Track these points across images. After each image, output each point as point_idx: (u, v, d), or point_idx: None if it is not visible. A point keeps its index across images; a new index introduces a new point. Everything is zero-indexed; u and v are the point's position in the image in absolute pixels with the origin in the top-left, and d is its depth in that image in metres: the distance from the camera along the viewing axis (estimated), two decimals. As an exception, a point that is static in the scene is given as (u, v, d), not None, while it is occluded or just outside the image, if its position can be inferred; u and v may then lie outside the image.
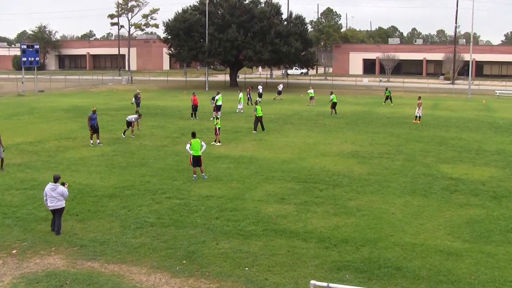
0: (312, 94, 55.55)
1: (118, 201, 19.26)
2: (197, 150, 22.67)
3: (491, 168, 25.80)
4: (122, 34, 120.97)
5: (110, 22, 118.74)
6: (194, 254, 14.53)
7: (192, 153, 22.64)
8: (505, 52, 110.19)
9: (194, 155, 22.64)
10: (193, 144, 22.72)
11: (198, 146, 22.75)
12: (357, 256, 14.57)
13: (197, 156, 22.67)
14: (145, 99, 59.56)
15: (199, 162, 22.77)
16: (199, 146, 22.76)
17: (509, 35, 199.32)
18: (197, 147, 22.68)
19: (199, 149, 22.71)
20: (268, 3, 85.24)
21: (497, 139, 34.24)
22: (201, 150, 22.79)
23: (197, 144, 22.76)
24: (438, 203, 19.60)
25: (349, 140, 32.97)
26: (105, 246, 15.02)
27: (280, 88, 64.36)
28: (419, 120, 42.10)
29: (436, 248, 15.15)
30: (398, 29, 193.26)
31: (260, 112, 36.06)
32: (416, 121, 42.01)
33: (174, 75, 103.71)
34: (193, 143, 22.77)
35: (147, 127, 37.04)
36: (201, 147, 22.85)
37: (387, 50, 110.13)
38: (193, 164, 22.76)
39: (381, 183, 22.40)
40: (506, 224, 17.32)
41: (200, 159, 22.79)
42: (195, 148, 22.65)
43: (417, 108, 42.85)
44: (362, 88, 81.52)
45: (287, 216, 17.81)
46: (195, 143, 22.77)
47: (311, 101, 55.16)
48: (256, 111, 36.10)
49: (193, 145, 22.71)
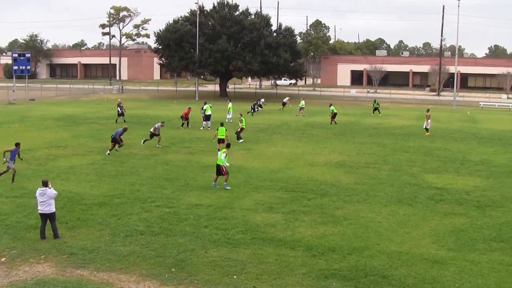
0: (302, 105, 56.30)
1: (107, 210, 19.36)
2: (219, 158, 22.91)
3: (475, 178, 26.17)
4: (114, 43, 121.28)
5: (102, 32, 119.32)
6: (183, 262, 14.65)
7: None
8: (489, 65, 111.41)
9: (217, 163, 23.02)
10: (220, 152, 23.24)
11: (220, 154, 23.02)
12: (344, 264, 14.75)
13: (217, 164, 22.95)
14: (136, 108, 59.82)
15: (218, 171, 22.97)
16: (221, 155, 22.97)
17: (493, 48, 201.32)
18: (220, 156, 23.01)
19: (220, 157, 22.92)
20: (258, 15, 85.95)
21: (481, 150, 34.68)
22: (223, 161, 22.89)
23: (220, 153, 23.12)
24: (424, 212, 19.88)
25: (336, 150, 33.25)
26: (95, 254, 15.10)
27: (286, 100, 64.88)
28: (427, 131, 41.73)
29: (421, 257, 15.37)
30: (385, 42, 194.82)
31: (244, 124, 36.57)
32: (427, 133, 41.47)
33: (164, 84, 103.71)
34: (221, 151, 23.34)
35: (137, 136, 37.10)
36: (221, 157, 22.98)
37: (375, 62, 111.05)
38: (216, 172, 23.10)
39: (368, 192, 22.66)
40: (490, 233, 17.61)
41: (221, 168, 22.89)
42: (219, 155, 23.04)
43: (426, 120, 42.30)
44: (349, 99, 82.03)
45: (275, 225, 17.99)
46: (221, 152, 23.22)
47: (300, 111, 55.80)
48: (241, 122, 36.44)
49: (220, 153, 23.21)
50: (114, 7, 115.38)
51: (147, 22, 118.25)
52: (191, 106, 45.91)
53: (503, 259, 15.39)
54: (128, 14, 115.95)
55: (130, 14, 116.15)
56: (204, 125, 42.86)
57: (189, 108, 44.10)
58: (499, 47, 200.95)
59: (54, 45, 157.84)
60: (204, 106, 43.85)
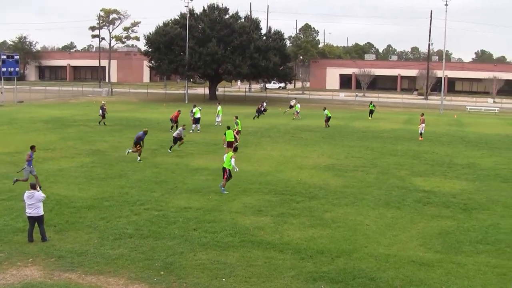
0: (298, 109, 57.04)
1: (96, 212, 19.34)
2: (227, 162, 22.93)
3: (461, 181, 26.40)
4: (103, 46, 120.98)
5: (91, 34, 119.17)
6: (171, 265, 14.67)
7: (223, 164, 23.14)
8: (476, 70, 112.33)
9: (223, 166, 23.08)
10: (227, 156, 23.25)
11: (229, 158, 23.00)
12: (332, 267, 14.83)
13: (223, 167, 23.00)
14: (125, 111, 59.78)
15: (223, 174, 22.98)
16: (229, 159, 22.97)
17: (479, 53, 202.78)
18: (227, 159, 22.99)
19: (228, 161, 22.92)
20: (248, 18, 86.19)
21: (468, 153, 34.95)
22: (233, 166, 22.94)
23: (228, 157, 23.09)
24: (411, 215, 20.03)
25: (325, 154, 33.37)
26: (83, 257, 15.08)
27: (292, 103, 65.10)
28: (421, 136, 41.63)
29: (409, 259, 15.50)
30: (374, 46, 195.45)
31: (240, 127, 36.74)
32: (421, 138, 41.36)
33: (154, 87, 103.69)
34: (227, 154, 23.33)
35: (126, 139, 37.10)
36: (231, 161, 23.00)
37: (363, 65, 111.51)
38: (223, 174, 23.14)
39: (356, 195, 22.79)
40: (476, 235, 17.80)
41: (224, 171, 22.91)
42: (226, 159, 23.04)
43: (420, 124, 42.08)
44: (338, 102, 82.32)
45: (264, 228, 18.05)
46: (227, 156, 23.18)
47: (296, 115, 56.48)
48: (237, 125, 36.51)
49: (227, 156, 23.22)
50: (104, 10, 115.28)
51: (137, 24, 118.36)
52: (180, 109, 45.87)
53: (489, 261, 15.56)
54: (118, 17, 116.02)
55: (120, 16, 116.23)
56: (193, 128, 42.89)
57: (179, 111, 44.08)
58: (485, 52, 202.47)
59: (43, 47, 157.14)
60: (193, 109, 43.89)
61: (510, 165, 30.98)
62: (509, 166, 30.52)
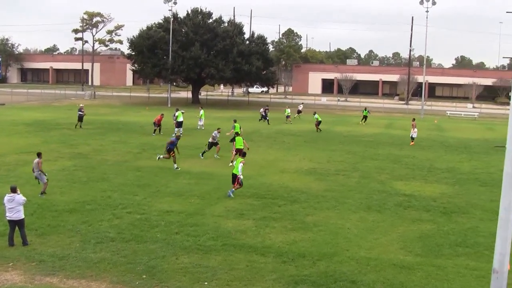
0: (288, 113, 57.48)
1: (78, 216, 19.28)
2: (235, 168, 22.99)
3: (441, 185, 26.71)
4: (86, 49, 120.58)
5: (74, 37, 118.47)
6: (154, 269, 14.68)
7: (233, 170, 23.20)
8: (456, 75, 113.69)
9: (232, 172, 23.17)
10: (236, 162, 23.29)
11: (237, 164, 23.06)
12: (313, 270, 14.94)
13: (233, 173, 23.06)
14: (108, 114, 59.55)
15: (233, 180, 23.03)
16: (238, 165, 23.02)
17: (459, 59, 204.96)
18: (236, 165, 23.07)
19: (237, 167, 22.96)
20: (231, 23, 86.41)
21: (448, 158, 35.35)
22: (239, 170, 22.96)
23: (237, 163, 23.15)
24: (392, 219, 20.23)
25: (307, 158, 33.54)
26: (65, 261, 15.03)
27: (300, 107, 65.18)
28: (412, 141, 41.56)
29: (390, 262, 15.67)
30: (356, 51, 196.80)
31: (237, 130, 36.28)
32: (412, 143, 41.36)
33: (137, 91, 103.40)
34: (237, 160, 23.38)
35: (109, 142, 37.02)
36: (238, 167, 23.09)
37: (345, 70, 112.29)
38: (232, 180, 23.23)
39: (338, 199, 22.94)
40: (455, 239, 18.04)
41: (236, 178, 22.93)
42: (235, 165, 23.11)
43: (412, 129, 42.05)
44: (320, 107, 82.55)
45: (246, 231, 18.12)
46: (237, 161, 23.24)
47: (288, 119, 56.80)
48: (234, 128, 36.52)
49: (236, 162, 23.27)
50: (87, 12, 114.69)
51: (120, 28, 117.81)
52: (163, 112, 45.86)
53: (468, 263, 15.80)
54: (101, 20, 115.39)
55: (103, 19, 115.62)
56: (176, 132, 42.85)
57: (162, 115, 44.03)
58: (465, 58, 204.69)
59: (25, 50, 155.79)
60: (176, 112, 43.88)
61: (489, 169, 31.40)
62: (487, 170, 30.94)
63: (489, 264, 15.66)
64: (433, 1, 73.45)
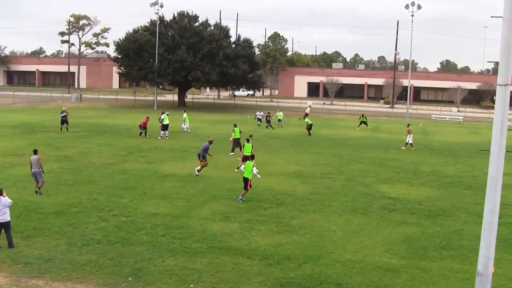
0: (280, 117, 57.41)
1: (64, 219, 19.23)
2: (248, 172, 22.94)
3: (426, 188, 26.91)
4: (73, 52, 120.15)
5: (61, 40, 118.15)
6: (140, 271, 14.68)
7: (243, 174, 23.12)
8: (441, 79, 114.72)
9: (243, 176, 23.06)
10: (246, 166, 23.17)
11: (250, 168, 23.02)
12: (299, 272, 15.00)
13: (244, 178, 22.98)
14: (94, 117, 59.45)
15: (245, 184, 22.96)
16: (251, 169, 23.01)
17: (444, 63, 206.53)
18: (248, 169, 22.98)
19: (250, 170, 22.96)
20: (217, 26, 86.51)
21: (433, 161, 35.63)
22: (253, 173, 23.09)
23: (248, 166, 23.06)
24: (377, 222, 20.36)
25: (293, 161, 33.64)
26: (51, 264, 14.99)
27: (308, 111, 65.26)
28: (412, 146, 41.51)
29: (375, 265, 15.76)
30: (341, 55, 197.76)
31: (237, 135, 36.37)
32: (404, 147, 41.40)
33: (123, 94, 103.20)
34: (246, 164, 23.24)
35: (95, 145, 36.93)
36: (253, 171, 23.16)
37: (331, 74, 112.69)
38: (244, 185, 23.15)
39: (323, 202, 23.05)
40: (440, 241, 18.19)
41: (247, 182, 22.88)
42: (246, 169, 23.02)
43: (408, 135, 42.03)
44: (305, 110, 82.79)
45: (231, 234, 18.16)
46: (248, 165, 23.13)
47: (279, 123, 56.81)
48: (234, 132, 36.49)
49: (246, 166, 23.15)
50: (74, 15, 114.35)
51: (107, 31, 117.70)
52: (149, 115, 45.81)
53: (453, 266, 15.93)
54: (87, 23, 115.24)
55: (90, 22, 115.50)
56: (162, 135, 42.83)
57: (147, 118, 44.02)
58: (450, 62, 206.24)
59: (12, 52, 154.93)
60: (162, 115, 43.88)
61: (473, 172, 31.70)
62: (472, 174, 31.22)
63: (473, 266, 15.77)
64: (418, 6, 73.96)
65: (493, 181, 10.45)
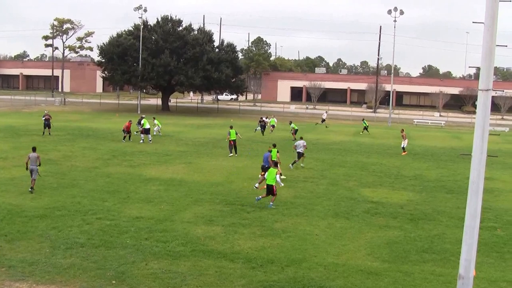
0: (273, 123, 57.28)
1: (48, 222, 19.17)
2: (272, 179, 22.92)
3: (408, 192, 27.15)
4: (56, 55, 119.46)
5: (45, 44, 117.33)
6: (123, 274, 14.69)
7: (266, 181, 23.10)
8: (423, 84, 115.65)
9: (267, 183, 23.04)
10: (269, 173, 23.08)
11: (273, 175, 23.04)
12: (282, 276, 15.07)
13: (269, 185, 22.97)
14: (78, 121, 59.26)
15: (270, 191, 22.99)
16: (274, 176, 23.04)
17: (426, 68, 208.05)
18: (272, 176, 22.97)
19: (274, 178, 22.98)
20: (201, 31, 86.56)
21: (415, 165, 35.93)
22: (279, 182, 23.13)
23: (272, 173, 23.06)
24: (360, 225, 20.50)
25: (276, 165, 33.71)
26: (34, 267, 14.95)
27: (324, 116, 65.04)
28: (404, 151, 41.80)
29: (357, 268, 15.87)
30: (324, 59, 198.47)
31: (233, 136, 37.13)
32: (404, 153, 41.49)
33: (107, 97, 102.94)
34: (270, 172, 23.15)
35: (78, 148, 36.79)
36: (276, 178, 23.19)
37: (314, 79, 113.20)
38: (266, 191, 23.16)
39: (306, 206, 23.18)
40: (422, 245, 18.35)
41: (273, 188, 22.92)
42: (269, 177, 22.97)
43: (402, 140, 42.29)
44: (289, 114, 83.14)
45: (215, 237, 18.21)
46: (271, 172, 23.10)
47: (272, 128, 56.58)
48: (229, 134, 37.13)
49: (269, 173, 23.06)
50: (58, 19, 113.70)
51: (91, 35, 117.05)
52: (131, 119, 45.72)
53: (435, 269, 16.08)
54: (71, 27, 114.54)
55: (74, 26, 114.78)
56: (143, 138, 42.73)
57: (130, 121, 43.97)
58: (432, 67, 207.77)
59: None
60: (141, 120, 43.80)
61: (455, 176, 32.03)
62: (454, 178, 31.55)
63: (455, 270, 15.96)
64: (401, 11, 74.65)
65: (475, 186, 10.55)
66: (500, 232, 20.31)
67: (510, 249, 18.33)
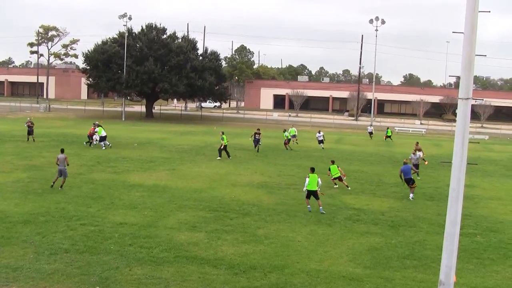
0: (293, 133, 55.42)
1: (32, 228, 19.17)
2: (314, 185, 23.31)
3: (390, 199, 27.45)
4: (41, 62, 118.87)
5: (30, 50, 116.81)
6: (107, 280, 14.75)
7: (307, 188, 23.48)
8: (404, 92, 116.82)
9: (309, 189, 23.42)
10: (311, 179, 23.39)
11: (315, 181, 23.38)
12: (265, 282, 15.20)
13: (313, 190, 23.36)
14: (63, 127, 59.10)
15: (316, 196, 23.50)
16: (316, 182, 23.40)
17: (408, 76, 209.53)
18: (314, 182, 23.33)
19: (315, 184, 23.32)
20: (185, 39, 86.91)
21: (396, 172, 35.64)
22: (318, 186, 23.53)
23: (314, 180, 23.39)
24: (342, 232, 20.71)
25: (258, 171, 33.96)
26: (18, 273, 14.96)
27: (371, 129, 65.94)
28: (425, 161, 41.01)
29: (339, 274, 16.04)
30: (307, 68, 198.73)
31: (226, 141, 38.57)
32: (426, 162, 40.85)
33: (91, 104, 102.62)
34: (311, 178, 23.44)
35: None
36: (318, 183, 23.59)
37: (296, 87, 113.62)
38: (307, 196, 23.63)
39: (289, 212, 23.34)
40: (403, 251, 18.59)
41: (317, 193, 23.44)
42: (311, 183, 23.33)
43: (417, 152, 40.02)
44: (272, 122, 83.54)
45: (198, 244, 18.32)
46: (313, 178, 23.41)
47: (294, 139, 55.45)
48: (223, 140, 38.38)
49: (311, 180, 23.38)
50: (43, 26, 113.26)
51: (76, 42, 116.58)
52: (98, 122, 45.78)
53: (416, 275, 16.29)
54: (57, 34, 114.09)
55: (59, 34, 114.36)
56: (104, 145, 42.22)
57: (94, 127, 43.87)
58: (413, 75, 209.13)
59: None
60: (96, 128, 43.38)
61: (435, 184, 32.40)
62: (434, 185, 31.91)
63: (435, 276, 16.16)
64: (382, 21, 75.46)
65: (455, 193, 10.67)
66: (480, 239, 20.65)
67: (489, 255, 18.63)
